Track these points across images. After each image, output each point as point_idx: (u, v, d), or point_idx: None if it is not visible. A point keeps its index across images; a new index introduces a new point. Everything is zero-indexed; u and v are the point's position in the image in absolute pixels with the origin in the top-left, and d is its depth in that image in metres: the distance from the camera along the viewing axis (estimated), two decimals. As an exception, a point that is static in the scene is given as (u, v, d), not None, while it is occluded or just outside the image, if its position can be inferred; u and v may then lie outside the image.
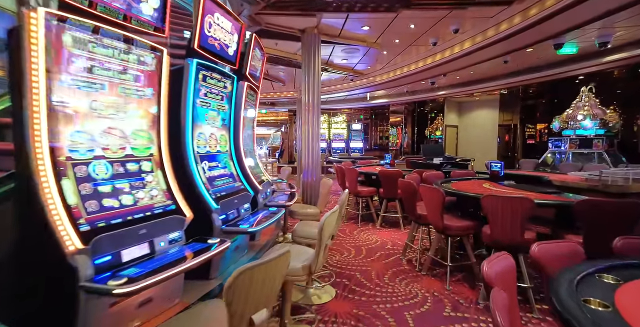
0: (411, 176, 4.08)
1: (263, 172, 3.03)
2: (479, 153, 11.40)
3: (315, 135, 4.05)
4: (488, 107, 11.35)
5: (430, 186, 2.98)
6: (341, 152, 13.43)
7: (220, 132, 2.10)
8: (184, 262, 1.23)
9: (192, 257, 1.29)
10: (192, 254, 1.35)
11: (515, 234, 2.38)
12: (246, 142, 2.71)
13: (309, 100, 3.97)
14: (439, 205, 2.89)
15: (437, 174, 4.56)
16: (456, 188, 3.38)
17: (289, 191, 3.20)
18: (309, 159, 4.03)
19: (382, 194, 5.07)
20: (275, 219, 2.07)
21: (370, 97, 11.30)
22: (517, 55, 5.34)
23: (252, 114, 2.87)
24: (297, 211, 3.53)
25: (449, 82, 8.70)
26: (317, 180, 4.04)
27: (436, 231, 3.09)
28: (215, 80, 1.94)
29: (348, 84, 8.02)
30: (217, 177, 1.94)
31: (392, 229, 4.97)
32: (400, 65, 6.30)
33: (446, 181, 3.97)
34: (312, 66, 3.96)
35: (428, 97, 10.43)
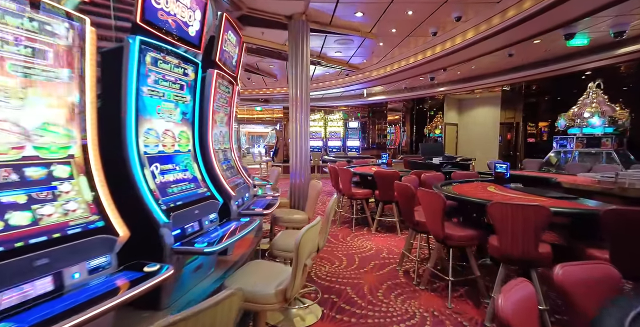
0: (409, 178, 3.77)
1: (243, 174, 2.71)
2: (479, 152, 11.12)
3: (305, 133, 3.73)
4: (489, 104, 11.07)
5: (429, 190, 2.68)
6: (338, 150, 13.12)
7: (180, 128, 1.78)
8: (96, 304, 0.91)
9: (116, 294, 0.97)
10: (125, 284, 1.06)
11: (529, 247, 2.07)
12: (220, 141, 2.38)
13: (297, 95, 3.65)
14: (439, 212, 2.59)
15: (437, 175, 4.26)
16: (458, 192, 3.08)
17: (271, 196, 2.88)
18: (298, 159, 3.72)
19: (378, 197, 4.76)
20: (246, 232, 1.75)
21: (367, 93, 10.99)
22: (523, 48, 5.04)
23: (228, 109, 2.54)
24: (282, 217, 3.21)
25: (449, 78, 8.39)
26: (305, 182, 3.73)
27: (436, 240, 2.79)
28: (170, 65, 1.62)
29: (343, 79, 7.70)
30: (172, 183, 1.62)
31: (389, 234, 4.67)
32: (397, 58, 5.98)
33: (447, 184, 3.67)
34: (300, 57, 3.64)
35: (427, 94, 10.13)
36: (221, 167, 2.22)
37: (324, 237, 2.38)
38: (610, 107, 5.78)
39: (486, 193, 3.02)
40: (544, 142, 8.84)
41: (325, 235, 2.37)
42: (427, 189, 3.87)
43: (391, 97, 11.10)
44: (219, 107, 2.28)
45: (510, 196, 2.86)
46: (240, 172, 2.71)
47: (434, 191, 2.61)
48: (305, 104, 3.70)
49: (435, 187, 3.31)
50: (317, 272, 3.23)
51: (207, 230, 1.75)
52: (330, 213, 2.30)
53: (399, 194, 3.29)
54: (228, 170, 2.41)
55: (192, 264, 1.59)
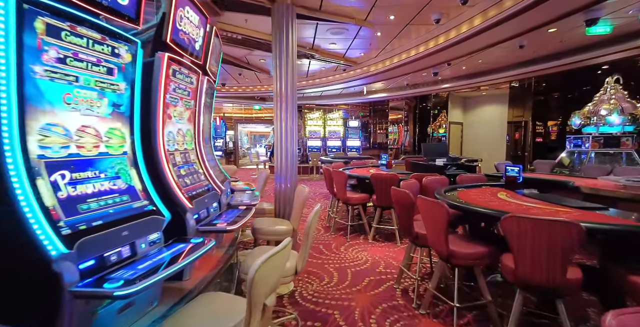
0: (408, 183, 3.38)
1: (211, 180, 2.33)
2: (485, 152, 10.71)
3: (291, 132, 3.36)
4: (496, 102, 10.65)
5: (431, 200, 2.29)
6: (337, 151, 12.75)
7: (109, 124, 1.41)
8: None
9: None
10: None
11: (554, 272, 1.69)
12: (178, 141, 2.01)
13: (281, 89, 3.28)
14: (443, 225, 2.20)
15: (440, 179, 3.87)
16: (464, 199, 2.70)
17: (245, 205, 2.50)
18: (283, 161, 3.34)
19: (375, 202, 4.38)
20: (189, 260, 1.37)
21: (368, 91, 10.60)
22: (535, 39, 4.63)
23: (191, 102, 2.17)
24: (262, 228, 2.84)
25: (453, 74, 7.99)
26: (292, 187, 3.35)
27: (439, 257, 2.41)
28: (87, 40, 1.24)
29: (340, 74, 7.31)
30: (90, 197, 1.24)
31: (387, 243, 4.29)
32: (397, 51, 5.59)
33: (451, 189, 3.28)
34: (285, 46, 3.26)
35: (430, 91, 9.73)
36: (176, 173, 1.84)
37: (304, 258, 2.00)
38: (631, 104, 5.36)
39: (497, 201, 2.63)
40: (552, 142, 8.42)
41: (305, 254, 2.00)
42: (429, 196, 3.48)
43: (393, 95, 10.70)
44: (175, 100, 1.91)
45: (527, 205, 2.47)
46: (209, 178, 2.34)
47: (436, 201, 2.22)
48: (291, 100, 3.32)
49: (438, 193, 2.93)
50: (301, 292, 2.86)
51: (145, 255, 1.38)
52: (310, 228, 1.92)
53: (396, 202, 2.91)
54: (189, 176, 2.04)
55: (115, 304, 1.22)
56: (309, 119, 12.81)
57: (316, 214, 2.01)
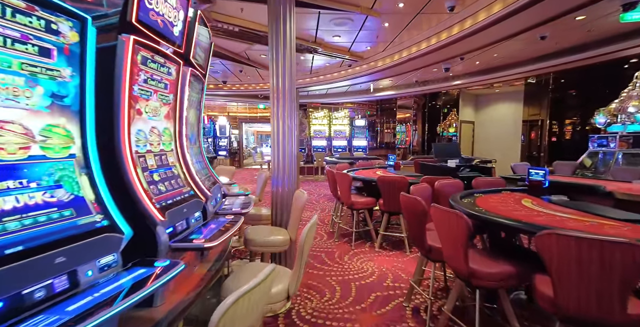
0: (419, 187, 3.06)
1: (194, 185, 2.05)
2: (498, 153, 10.28)
3: (289, 131, 3.06)
4: (510, 100, 10.21)
5: (447, 209, 1.97)
6: (343, 151, 12.44)
7: (45, 119, 1.13)
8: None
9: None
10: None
11: (610, 306, 1.36)
12: (152, 141, 1.73)
13: (279, 84, 2.99)
14: (462, 239, 1.88)
15: (454, 182, 3.53)
16: (484, 207, 2.37)
17: (233, 214, 2.21)
18: (281, 162, 3.05)
19: (383, 207, 4.07)
20: (131, 301, 1.07)
21: (375, 88, 10.25)
22: (560, 28, 4.23)
23: (168, 97, 1.89)
24: (255, 238, 2.55)
25: (466, 70, 7.59)
26: (290, 191, 3.06)
27: (457, 276, 2.08)
28: (3, 7, 0.97)
29: (346, 70, 6.99)
30: (6, 215, 0.96)
31: (395, 252, 3.97)
32: (407, 44, 5.25)
33: (468, 195, 2.95)
34: (282, 36, 2.97)
35: (441, 88, 9.34)
36: (146, 179, 1.56)
37: (297, 279, 1.70)
38: (663, 100, 4.93)
39: (523, 210, 2.29)
40: (568, 142, 7.97)
41: (299, 276, 1.70)
42: (443, 202, 3.15)
43: (401, 93, 10.33)
44: (146, 93, 1.63)
45: (560, 216, 2.12)
46: (192, 183, 2.05)
47: (453, 211, 1.90)
48: (289, 96, 3.03)
49: (453, 200, 2.60)
50: (299, 310, 2.56)
51: (92, 284, 1.10)
52: (305, 245, 1.62)
53: (406, 210, 2.60)
54: (164, 181, 1.76)
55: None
56: (314, 118, 12.52)
57: (312, 228, 1.71)
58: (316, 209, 6.38)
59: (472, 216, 2.14)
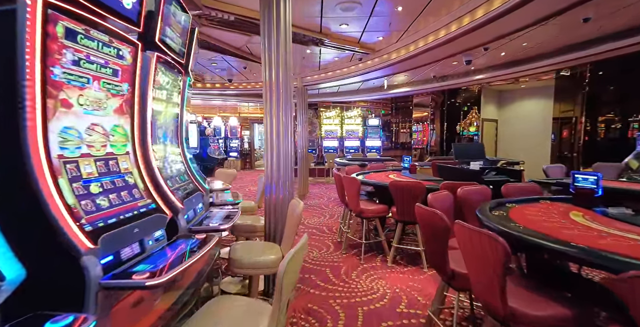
0: (439, 196, 2.61)
1: (158, 195, 1.70)
2: (524, 153, 9.58)
3: (284, 130, 2.68)
4: (537, 96, 9.50)
5: (477, 229, 1.52)
6: (356, 151, 11.99)
7: None
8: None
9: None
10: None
11: None
12: (95, 142, 1.38)
13: (271, 77, 2.62)
14: (498, 269, 1.44)
15: (480, 189, 3.05)
16: (522, 222, 1.92)
17: (206, 231, 1.83)
18: (275, 165, 2.67)
19: (396, 216, 3.63)
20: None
21: (388, 85, 9.75)
22: (608, 6, 3.63)
23: (121, 87, 1.53)
24: (241, 259, 2.16)
25: (489, 62, 7.00)
26: (286, 199, 2.67)
27: (490, 314, 1.63)
28: None
29: (356, 65, 6.56)
30: None
31: (410, 268, 3.52)
32: (423, 32, 4.76)
33: (498, 205, 2.48)
34: (275, 21, 2.60)
35: (461, 83, 8.75)
36: (77, 192, 1.20)
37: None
38: None
39: (575, 227, 1.81)
40: (605, 141, 7.23)
41: (279, 321, 1.29)
42: (468, 213, 2.69)
43: (417, 89, 9.79)
44: (79, 79, 1.27)
45: (632, 238, 1.63)
46: (155, 194, 1.69)
47: (486, 233, 1.46)
48: (285, 90, 2.65)
49: (482, 213, 2.15)
50: (292, 345, 2.17)
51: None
52: (282, 281, 1.21)
53: (423, 225, 2.16)
54: (110, 193, 1.40)
55: None
56: (325, 117, 12.13)
57: (297, 255, 1.30)
58: (324, 215, 5.98)
59: (509, 235, 1.69)
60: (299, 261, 1.36)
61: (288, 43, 2.68)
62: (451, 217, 2.65)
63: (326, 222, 5.51)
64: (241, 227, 3.03)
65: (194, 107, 14.71)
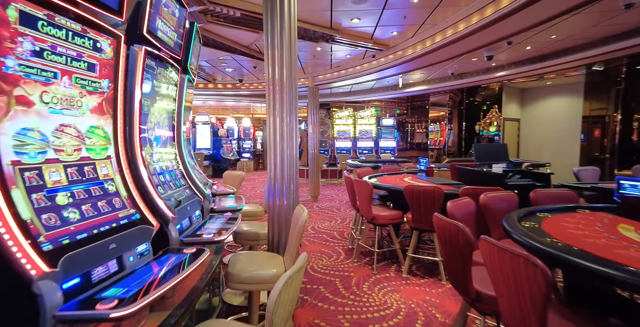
0: (459, 204, 2.35)
1: (146, 207, 1.54)
2: (549, 154, 9.08)
3: (289, 131, 2.49)
4: (564, 93, 8.97)
5: (511, 249, 1.28)
6: (369, 152, 11.71)
7: None
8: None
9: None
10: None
11: None
12: (61, 144, 1.22)
13: (274, 74, 2.43)
14: (537, 302, 1.19)
15: (506, 195, 2.77)
16: (557, 235, 1.66)
17: (195, 247, 1.66)
18: (278, 169, 2.49)
19: (411, 223, 3.38)
20: None
21: (404, 84, 9.43)
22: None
23: (92, 82, 1.38)
24: (239, 273, 1.98)
25: (512, 58, 6.60)
26: (290, 205, 2.48)
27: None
28: None
29: (370, 63, 6.31)
30: None
31: (428, 279, 3.26)
32: (441, 26, 4.48)
33: (528, 214, 2.21)
34: (279, 14, 2.41)
35: (481, 81, 8.34)
36: (29, 206, 1.04)
37: None
38: None
39: (630, 247, 1.52)
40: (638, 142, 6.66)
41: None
42: (492, 223, 2.43)
43: (434, 88, 9.43)
44: (42, 73, 1.11)
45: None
46: (140, 202, 1.53)
47: (522, 255, 1.21)
48: (290, 89, 2.46)
49: (510, 224, 1.89)
50: (295, 370, 1.96)
51: None
52: (272, 312, 1.01)
53: (442, 237, 1.91)
54: (83, 204, 1.23)
55: None
56: (337, 117, 11.91)
57: (294, 280, 1.10)
58: (335, 219, 5.76)
59: (545, 254, 1.44)
60: (295, 287, 1.16)
61: (293, 38, 2.49)
62: (474, 229, 2.40)
63: (337, 226, 5.29)
64: (244, 235, 2.85)
65: (208, 108, 14.80)
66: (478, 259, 2.03)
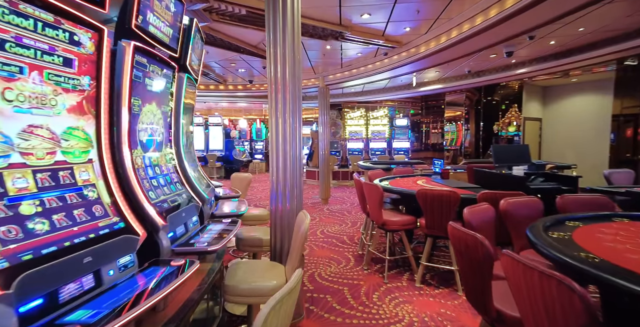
0: (477, 210, 2.14)
1: (131, 213, 1.43)
2: (572, 155, 8.62)
3: (293, 132, 2.35)
4: (591, 90, 8.50)
5: (540, 269, 1.08)
6: (382, 153, 11.47)
7: None
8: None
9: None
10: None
11: None
12: (29, 147, 1.11)
13: (277, 73, 2.30)
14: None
15: (529, 201, 2.53)
16: (592, 249, 1.43)
17: (191, 254, 1.53)
18: (281, 172, 2.35)
19: (425, 229, 3.18)
20: None
21: (418, 83, 9.16)
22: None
23: (68, 79, 1.27)
24: (237, 285, 1.84)
25: (535, 53, 6.25)
26: (293, 210, 2.34)
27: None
28: None
29: (382, 61, 6.11)
30: None
31: (442, 289, 3.05)
32: (457, 20, 4.24)
33: (556, 223, 1.99)
34: (282, 10, 2.28)
35: (500, 79, 7.98)
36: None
37: None
38: None
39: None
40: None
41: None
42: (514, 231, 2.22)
43: (450, 86, 9.12)
44: (5, 68, 1.01)
45: None
46: (126, 210, 1.42)
47: (554, 275, 1.02)
48: (293, 88, 2.32)
49: (535, 235, 1.69)
50: None
51: None
52: None
53: (458, 249, 1.72)
54: (55, 213, 1.12)
55: None
56: (349, 118, 11.72)
57: (284, 303, 0.95)
58: (345, 222, 5.58)
59: (581, 272, 1.24)
60: (286, 309, 1.00)
61: (297, 35, 2.35)
62: (493, 238, 2.19)
63: (347, 230, 5.11)
64: (247, 241, 2.73)
65: (221, 109, 14.90)
66: (499, 272, 1.83)
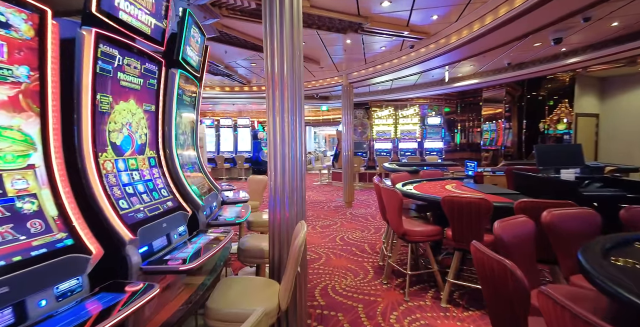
0: (511, 224, 1.75)
1: (81, 230, 1.25)
2: (635, 156, 7.55)
3: (293, 131, 2.09)
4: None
5: (591, 321, 0.72)
6: (413, 154, 10.90)
7: None
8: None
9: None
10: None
11: None
12: None
13: (274, 67, 2.07)
14: None
15: (582, 213, 2.07)
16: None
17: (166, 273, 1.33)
18: (279, 176, 2.10)
19: (452, 241, 2.78)
20: None
21: (451, 78, 8.54)
22: None
23: (3, 70, 1.11)
24: (219, 308, 1.61)
25: (590, 39, 5.46)
26: (293, 219, 2.08)
27: None
28: None
29: (408, 55, 5.65)
30: None
31: (472, 312, 2.64)
32: (492, 4, 3.72)
33: (620, 245, 1.55)
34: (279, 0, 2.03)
35: (546, 71, 7.16)
36: None
37: None
38: None
39: None
40: None
41: None
42: (560, 251, 1.82)
43: (487, 81, 8.39)
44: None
45: None
46: (77, 223, 1.25)
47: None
48: (292, 83, 2.08)
49: (590, 260, 1.30)
50: None
51: None
52: None
53: (483, 277, 1.36)
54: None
55: None
56: (376, 117, 11.28)
57: None
58: (368, 228, 5.23)
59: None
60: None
61: (297, 26, 2.09)
62: (532, 260, 1.78)
63: (369, 238, 4.77)
64: (248, 252, 2.51)
65: (250, 111, 15.07)
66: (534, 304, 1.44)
